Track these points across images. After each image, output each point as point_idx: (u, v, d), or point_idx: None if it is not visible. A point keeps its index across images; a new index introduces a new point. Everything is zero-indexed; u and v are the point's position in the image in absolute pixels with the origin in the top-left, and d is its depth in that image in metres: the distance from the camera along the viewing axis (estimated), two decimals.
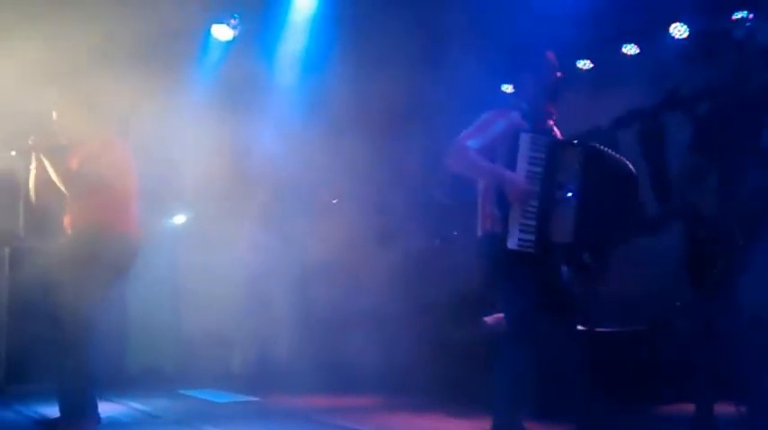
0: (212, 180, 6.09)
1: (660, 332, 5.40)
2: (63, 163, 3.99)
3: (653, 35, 5.91)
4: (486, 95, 6.66)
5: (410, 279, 5.85)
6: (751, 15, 5.27)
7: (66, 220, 4.11)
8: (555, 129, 3.59)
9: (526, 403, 3.42)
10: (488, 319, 5.52)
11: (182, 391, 5.80)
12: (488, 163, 3.40)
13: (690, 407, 4.10)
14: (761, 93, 3.33)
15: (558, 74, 3.51)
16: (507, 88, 6.91)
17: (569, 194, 3.30)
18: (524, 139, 3.33)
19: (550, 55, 3.55)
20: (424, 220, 6.11)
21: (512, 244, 3.30)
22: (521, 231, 3.30)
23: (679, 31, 5.69)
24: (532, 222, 3.30)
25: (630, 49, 6.03)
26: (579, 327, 5.46)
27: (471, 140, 3.42)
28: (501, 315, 5.52)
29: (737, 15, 5.33)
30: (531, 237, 3.29)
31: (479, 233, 3.53)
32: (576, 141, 3.51)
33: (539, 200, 3.31)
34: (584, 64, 6.21)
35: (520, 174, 3.31)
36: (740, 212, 3.21)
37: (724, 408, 3.83)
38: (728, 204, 3.28)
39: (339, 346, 5.82)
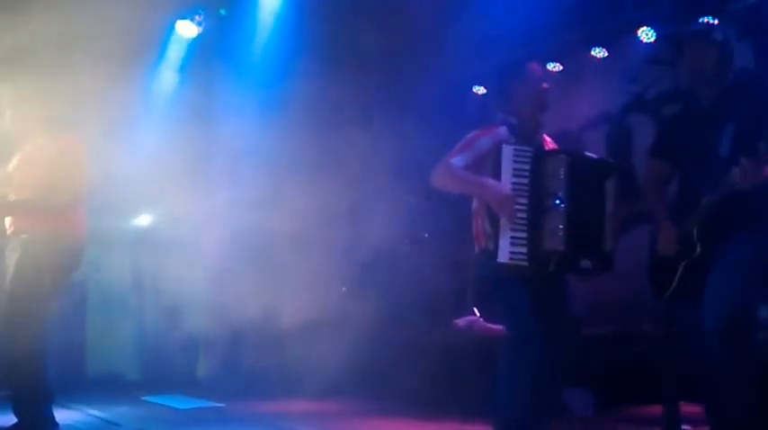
0: (176, 181, 5.97)
1: (628, 334, 5.41)
2: None
3: (621, 39, 5.95)
4: (458, 96, 6.67)
5: (380, 281, 5.79)
6: (715, 21, 5.33)
7: (9, 225, 3.96)
8: (548, 140, 3.54)
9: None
10: (460, 322, 5.48)
11: (144, 398, 5.66)
12: (471, 174, 3.33)
13: (657, 409, 4.12)
14: (721, 100, 3.30)
15: (545, 85, 3.46)
16: (479, 90, 6.92)
17: (557, 202, 3.21)
18: (506, 151, 3.26)
19: (535, 66, 3.50)
20: (395, 222, 6.05)
21: (502, 257, 3.22)
22: (512, 244, 3.21)
23: (647, 35, 5.75)
24: (523, 234, 3.21)
25: (599, 53, 6.07)
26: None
27: (456, 158, 3.36)
28: (472, 317, 5.52)
29: (702, 21, 5.39)
30: (523, 250, 3.20)
31: (476, 251, 3.46)
32: (559, 149, 3.44)
33: (527, 211, 3.23)
34: (553, 66, 6.23)
35: (505, 186, 3.24)
36: (699, 218, 3.18)
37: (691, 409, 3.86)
38: (688, 210, 3.24)
39: (308, 351, 5.74)
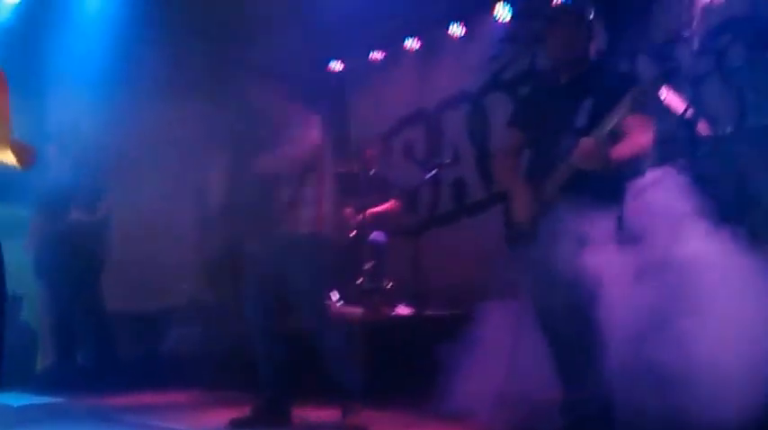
0: None
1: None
2: None
3: (479, 16, 5.91)
4: (311, 70, 6.44)
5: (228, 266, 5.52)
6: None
7: None
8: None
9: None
10: None
11: None
12: None
13: None
14: (582, 76, 3.28)
15: None
16: (336, 65, 6.70)
17: None
18: None
19: None
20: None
21: None
22: None
23: (503, 12, 5.72)
24: None
25: (457, 30, 6.01)
26: (404, 311, 5.43)
27: None
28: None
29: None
30: None
31: None
32: None
33: None
34: (411, 43, 6.13)
35: None
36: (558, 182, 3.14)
37: None
38: (541, 179, 3.20)
39: (154, 340, 5.42)
